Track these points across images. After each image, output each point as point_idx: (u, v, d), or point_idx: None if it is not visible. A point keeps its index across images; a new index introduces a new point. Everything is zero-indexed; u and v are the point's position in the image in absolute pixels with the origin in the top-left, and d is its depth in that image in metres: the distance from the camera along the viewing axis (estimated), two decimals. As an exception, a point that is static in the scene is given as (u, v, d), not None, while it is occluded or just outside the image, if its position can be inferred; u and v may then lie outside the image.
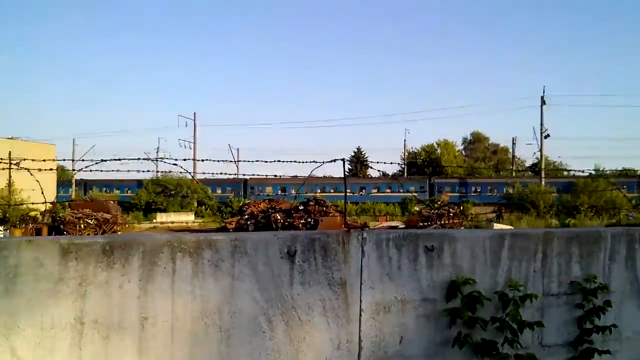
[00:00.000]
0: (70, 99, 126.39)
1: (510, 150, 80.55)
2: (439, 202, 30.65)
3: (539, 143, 56.96)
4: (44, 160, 3.93)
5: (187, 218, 42.41)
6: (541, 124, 57.46)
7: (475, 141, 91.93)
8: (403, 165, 77.77)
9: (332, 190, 50.47)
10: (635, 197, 36.64)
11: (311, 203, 24.21)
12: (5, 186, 32.17)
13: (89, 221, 23.67)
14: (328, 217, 23.01)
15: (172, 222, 41.09)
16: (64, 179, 66.81)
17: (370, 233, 3.27)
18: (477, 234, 3.50)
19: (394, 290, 3.29)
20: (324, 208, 23.86)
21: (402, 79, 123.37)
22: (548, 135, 56.41)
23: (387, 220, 37.50)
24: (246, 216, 25.79)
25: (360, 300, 3.21)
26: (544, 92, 56.60)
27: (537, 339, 3.62)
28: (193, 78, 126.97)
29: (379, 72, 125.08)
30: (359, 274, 3.21)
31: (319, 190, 51.84)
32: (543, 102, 56.92)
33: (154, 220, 45.03)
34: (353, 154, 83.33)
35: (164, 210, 51.35)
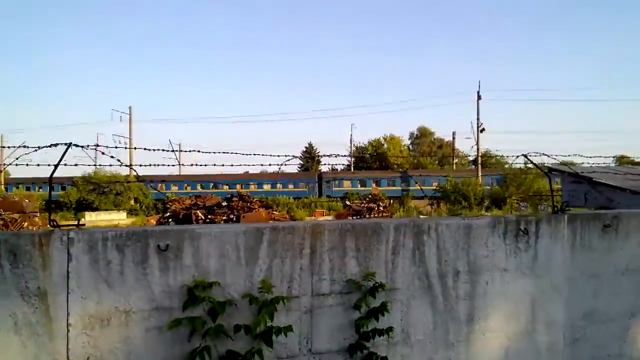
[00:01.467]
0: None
1: (456, 145, 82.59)
2: (370, 196, 30.61)
3: (476, 137, 58.65)
4: None
5: (117, 217, 40.54)
6: (477, 118, 58.99)
7: (422, 136, 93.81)
8: (352, 160, 78.20)
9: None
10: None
11: (235, 198, 23.52)
12: None
13: (-6, 222, 22.00)
14: (251, 213, 22.45)
15: (101, 221, 39.37)
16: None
17: (81, 232, 2.75)
18: (227, 229, 3.05)
19: (114, 300, 2.79)
20: (248, 204, 23.22)
21: (343, 74, 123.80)
22: (483, 129, 58.15)
23: (323, 215, 37.31)
24: (168, 213, 24.80)
25: (68, 314, 2.70)
26: (479, 86, 58.24)
27: (306, 345, 3.23)
28: (128, 72, 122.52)
29: (321, 68, 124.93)
30: (64, 282, 2.69)
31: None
32: (479, 97, 58.55)
33: (83, 220, 43.10)
34: (305, 149, 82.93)
35: (96, 209, 49.23)
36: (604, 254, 4.19)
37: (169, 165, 4.92)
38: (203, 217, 22.44)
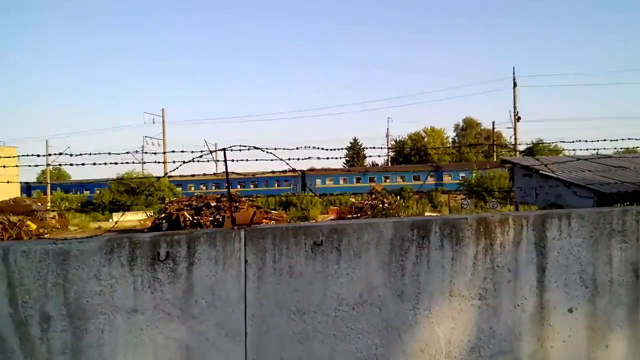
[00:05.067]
0: (42, 100, 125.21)
1: (504, 135, 79.15)
2: (373, 193, 29.19)
3: (513, 126, 55.72)
4: None
5: (134, 217, 41.57)
6: (514, 106, 56.08)
7: (468, 127, 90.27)
8: (388, 155, 76.59)
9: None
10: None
11: (223, 199, 22.89)
12: None
13: (-7, 225, 22.47)
14: (238, 213, 21.67)
15: (127, 221, 40.66)
16: (29, 183, 65.98)
17: None
18: None
19: None
20: (236, 204, 22.51)
21: (379, 67, 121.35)
22: (519, 118, 55.02)
23: (337, 213, 36.21)
24: (163, 215, 24.58)
25: None
26: (514, 73, 55.12)
27: None
28: (164, 75, 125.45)
29: (352, 61, 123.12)
30: None
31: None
32: (515, 84, 55.52)
33: (111, 220, 44.86)
34: (350, 144, 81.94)
35: (128, 209, 50.50)
36: (317, 282, 3.02)
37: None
38: (190, 218, 21.97)
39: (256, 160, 3.28)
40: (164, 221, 23.82)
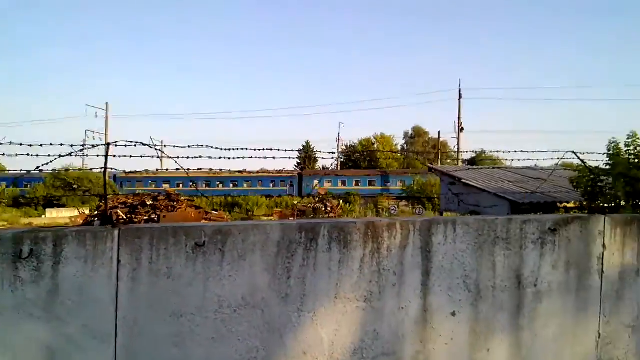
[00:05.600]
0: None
1: (449, 144, 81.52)
2: (317, 196, 29.33)
3: (457, 136, 57.54)
4: None
5: (70, 214, 39.91)
6: (459, 117, 57.82)
7: (416, 135, 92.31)
8: (338, 159, 77.30)
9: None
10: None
11: (160, 198, 22.32)
12: None
13: None
14: (175, 213, 21.26)
15: (61, 218, 38.90)
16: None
17: None
18: None
19: None
20: (174, 203, 22.00)
21: (329, 72, 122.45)
22: (463, 129, 56.92)
23: (282, 214, 36.09)
24: (96, 212, 23.67)
25: None
26: (460, 85, 56.96)
27: None
28: (105, 68, 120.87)
29: (300, 64, 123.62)
30: None
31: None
32: (460, 96, 57.33)
33: (44, 216, 43.20)
34: (302, 147, 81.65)
35: (63, 206, 48.43)
36: (197, 284, 2.95)
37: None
38: (124, 217, 21.24)
39: (141, 157, 3.16)
40: (96, 219, 22.95)
